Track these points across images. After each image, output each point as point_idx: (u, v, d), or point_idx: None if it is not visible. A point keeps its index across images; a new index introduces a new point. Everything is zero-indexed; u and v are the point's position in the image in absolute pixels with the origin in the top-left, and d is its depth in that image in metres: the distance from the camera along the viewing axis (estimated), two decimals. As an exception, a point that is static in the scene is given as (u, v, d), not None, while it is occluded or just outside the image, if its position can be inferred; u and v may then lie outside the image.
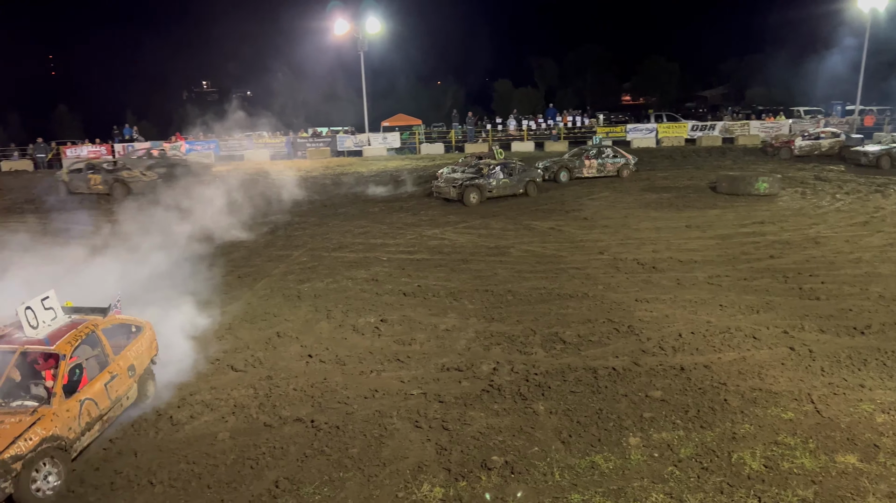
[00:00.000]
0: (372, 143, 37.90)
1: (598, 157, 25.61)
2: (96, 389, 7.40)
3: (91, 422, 7.22)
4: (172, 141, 36.13)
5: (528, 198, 21.82)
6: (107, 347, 7.86)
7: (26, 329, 7.31)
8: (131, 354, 8.15)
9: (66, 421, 6.85)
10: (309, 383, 8.79)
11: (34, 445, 6.42)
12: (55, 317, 7.71)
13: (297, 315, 11.40)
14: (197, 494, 6.50)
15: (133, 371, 8.05)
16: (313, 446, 7.26)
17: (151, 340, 8.70)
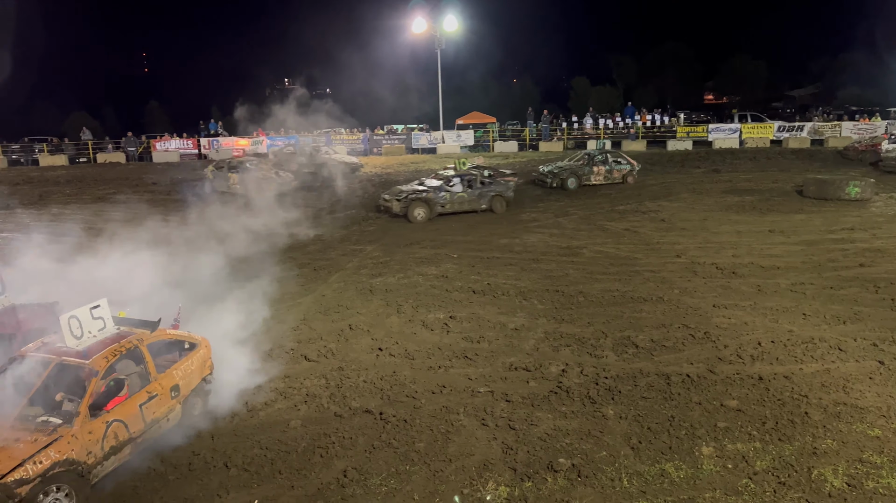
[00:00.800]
0: (446, 140, 38.11)
1: (605, 164, 24.57)
2: (129, 410, 6.86)
3: (118, 447, 6.69)
4: (255, 136, 37.33)
5: (591, 198, 21.38)
6: (150, 365, 7.31)
7: (67, 339, 6.93)
8: (178, 373, 7.59)
9: (87, 444, 6.36)
10: (378, 376, 8.93)
11: (44, 469, 5.96)
12: (103, 327, 7.26)
13: (369, 308, 11.59)
14: (269, 479, 6.71)
15: (177, 392, 7.48)
16: (381, 438, 7.38)
17: (205, 359, 8.08)
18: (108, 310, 7.36)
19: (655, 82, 59.91)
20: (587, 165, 24.35)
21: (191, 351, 8.02)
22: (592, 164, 24.38)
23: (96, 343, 7.07)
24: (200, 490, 6.55)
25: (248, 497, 6.42)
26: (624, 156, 25.47)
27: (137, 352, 7.30)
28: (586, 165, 24.36)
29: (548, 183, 23.96)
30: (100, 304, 7.27)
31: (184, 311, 8.62)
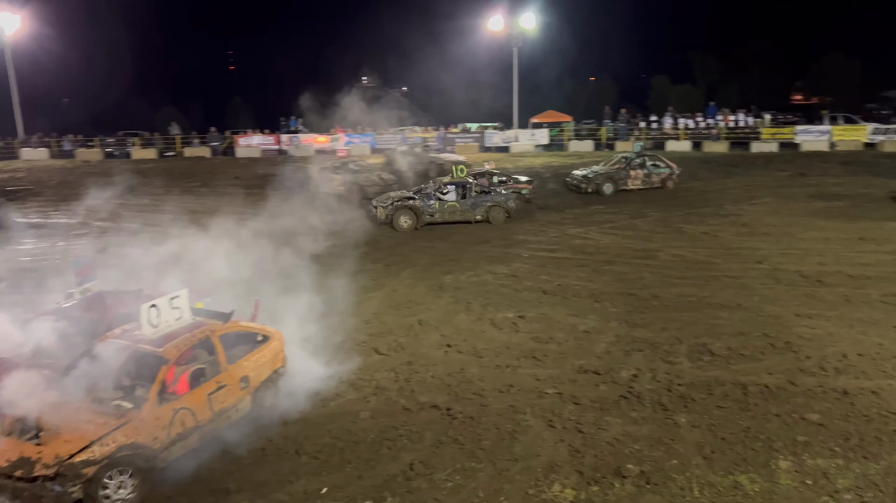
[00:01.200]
0: (520, 139, 37.90)
1: (643, 167, 23.01)
2: (197, 399, 7.02)
3: (184, 434, 6.83)
4: (332, 133, 38.14)
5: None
6: (220, 355, 7.48)
7: (145, 327, 7.17)
8: (248, 365, 7.72)
9: (153, 429, 6.53)
10: (446, 372, 8.99)
11: (110, 452, 6.15)
12: (181, 317, 7.49)
13: (439, 305, 11.68)
14: (338, 468, 6.87)
15: (246, 383, 7.60)
16: (448, 434, 7.43)
17: (277, 352, 8.19)
18: (186, 300, 7.58)
19: (740, 81, 57.70)
20: (624, 169, 22.90)
21: (263, 343, 8.10)
22: (630, 167, 22.89)
23: (171, 332, 7.28)
24: (272, 475, 6.77)
25: (317, 484, 6.59)
26: (663, 159, 24.16)
27: (209, 343, 7.47)
28: (623, 169, 22.90)
29: (583, 188, 22.55)
30: (179, 295, 7.50)
31: (262, 302, 8.92)
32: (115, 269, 10.16)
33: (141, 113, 46.52)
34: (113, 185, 21.89)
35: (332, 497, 6.39)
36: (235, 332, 7.93)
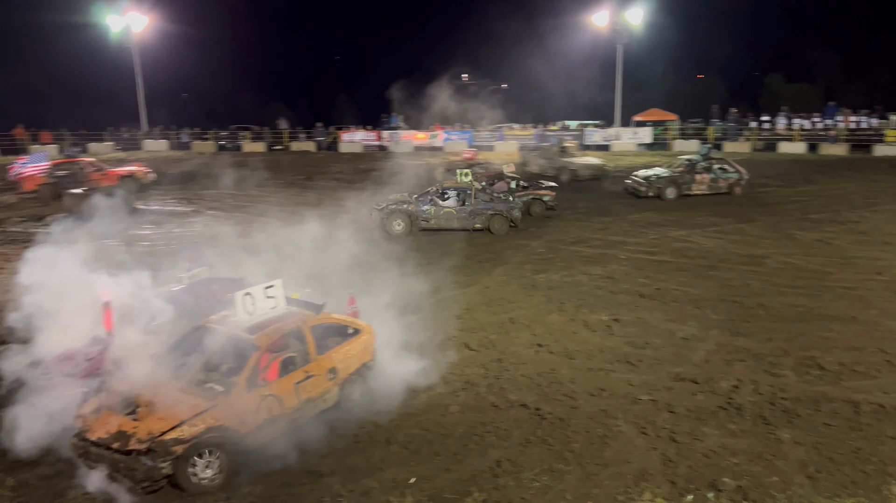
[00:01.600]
0: (621, 137, 37.02)
1: (709, 171, 21.67)
2: (284, 387, 7.16)
3: (271, 420, 6.98)
4: (431, 130, 38.61)
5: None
6: (310, 346, 7.60)
7: (240, 314, 7.35)
8: (337, 356, 7.81)
9: (241, 414, 6.72)
10: (537, 371, 8.92)
11: (198, 432, 6.36)
12: (275, 306, 7.66)
13: (531, 304, 11.60)
14: (426, 459, 6.97)
15: (334, 374, 7.69)
16: (536, 434, 7.38)
17: (367, 345, 8.25)
18: (281, 290, 7.74)
19: (864, 80, 53.88)
20: (688, 173, 21.67)
21: (353, 336, 8.19)
22: (695, 171, 21.65)
23: (264, 321, 7.45)
24: (364, 461, 6.94)
25: (406, 473, 6.71)
26: (731, 162, 22.54)
27: (300, 333, 7.59)
28: (687, 173, 21.68)
29: (642, 192, 21.43)
30: (274, 285, 7.67)
31: (360, 293, 9.15)
32: (223, 257, 10.68)
33: (252, 108, 48.72)
34: (224, 175, 23.10)
35: (420, 487, 6.49)
36: (327, 324, 8.06)
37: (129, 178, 23.96)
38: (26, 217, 19.26)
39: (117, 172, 24.01)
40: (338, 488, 6.48)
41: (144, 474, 6.18)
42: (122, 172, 24.17)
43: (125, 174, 24.06)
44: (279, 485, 6.54)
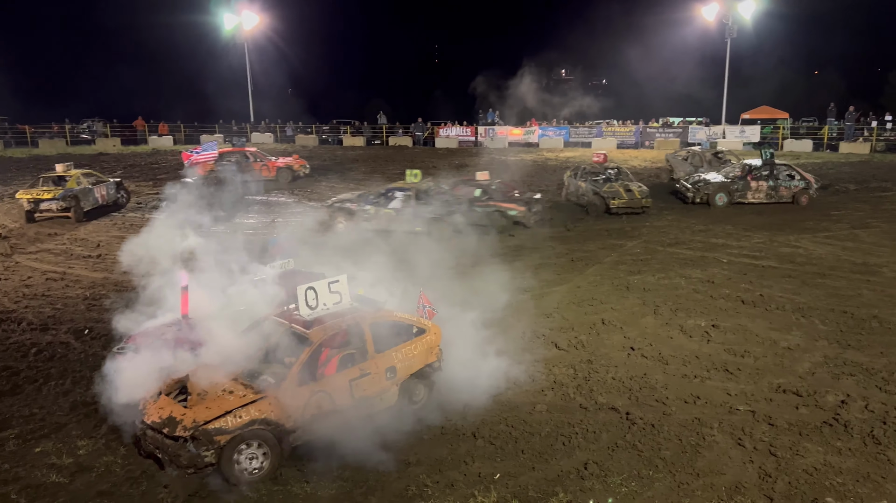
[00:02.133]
0: (727, 135, 35.49)
1: (768, 178, 19.55)
2: (337, 384, 7.10)
3: (320, 415, 6.91)
4: (528, 126, 38.38)
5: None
6: (368, 343, 7.44)
7: (301, 308, 7.32)
8: (397, 356, 7.62)
9: (288, 408, 6.69)
10: (628, 375, 8.73)
11: (243, 423, 6.39)
12: (339, 301, 7.58)
13: (624, 305, 11.34)
14: (511, 456, 6.97)
15: (393, 373, 7.52)
16: (625, 438, 7.23)
17: (431, 346, 7.98)
18: (346, 285, 7.65)
19: None
20: (743, 178, 19.76)
21: (417, 336, 7.94)
22: (752, 177, 19.69)
23: (325, 315, 7.40)
24: (450, 453, 7.01)
25: (490, 469, 6.73)
26: (798, 170, 20.26)
27: (359, 330, 7.47)
28: (742, 178, 19.80)
29: (689, 198, 19.94)
30: (339, 280, 7.60)
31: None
32: (314, 248, 10.93)
33: (353, 103, 50.02)
34: (325, 168, 23.87)
35: (504, 484, 6.49)
36: (390, 322, 7.87)
37: (287, 169, 24.97)
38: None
39: (276, 164, 24.99)
40: (423, 478, 6.58)
41: (188, 461, 6.32)
42: (280, 164, 25.06)
43: (282, 165, 24.99)
44: (367, 470, 6.70)
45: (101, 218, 19.00)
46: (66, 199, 18.20)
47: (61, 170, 19.17)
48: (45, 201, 18.13)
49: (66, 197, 18.21)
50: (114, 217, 19.23)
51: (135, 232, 12.65)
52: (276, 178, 24.61)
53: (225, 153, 24.70)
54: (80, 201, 18.44)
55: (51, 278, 13.23)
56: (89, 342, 9.95)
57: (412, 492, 6.40)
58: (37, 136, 40.07)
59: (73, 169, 19.55)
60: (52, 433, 7.46)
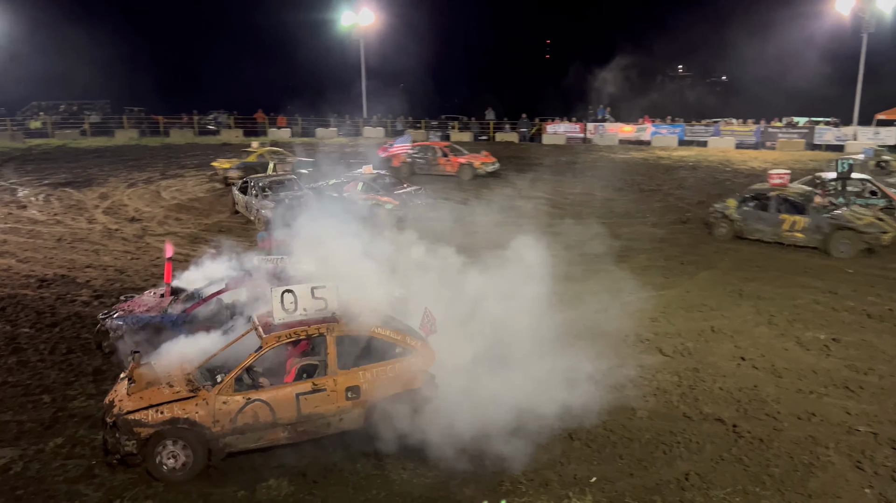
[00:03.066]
0: (858, 137, 33.02)
1: (838, 196, 15.02)
2: (280, 395, 6.71)
3: (255, 426, 6.63)
4: (640, 123, 37.28)
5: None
6: (331, 358, 6.90)
7: (276, 311, 6.92)
8: (365, 376, 6.98)
9: (216, 413, 6.49)
10: (737, 386, 8.35)
11: (163, 420, 6.36)
12: (323, 308, 7.04)
13: (736, 313, 10.84)
14: (608, 460, 6.85)
15: (356, 394, 6.90)
16: (731, 451, 6.93)
17: (412, 369, 7.17)
18: (335, 292, 7.08)
19: None
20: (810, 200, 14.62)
21: (399, 357, 7.20)
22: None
23: (293, 321, 6.97)
24: (545, 453, 6.96)
25: (587, 471, 6.65)
26: (881, 186, 15.71)
27: (320, 341, 7.02)
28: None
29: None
30: (326, 286, 7.06)
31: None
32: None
33: (462, 99, 50.42)
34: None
35: (601, 488, 6.40)
36: (364, 337, 7.21)
37: (467, 166, 24.38)
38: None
39: (458, 160, 24.57)
40: (518, 475, 6.59)
41: (112, 446, 6.45)
42: (462, 160, 24.55)
43: (464, 162, 24.49)
44: (464, 461, 6.77)
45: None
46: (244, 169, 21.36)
47: (255, 146, 24.39)
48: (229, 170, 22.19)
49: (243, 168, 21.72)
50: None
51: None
52: (458, 174, 24.30)
53: (417, 146, 25.73)
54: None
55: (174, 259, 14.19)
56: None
57: (506, 487, 6.43)
58: (168, 127, 42.95)
59: (263, 147, 24.36)
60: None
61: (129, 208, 19.50)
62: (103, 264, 13.90)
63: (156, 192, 22.01)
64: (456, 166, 24.43)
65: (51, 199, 20.68)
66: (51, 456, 6.96)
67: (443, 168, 24.64)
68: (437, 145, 25.84)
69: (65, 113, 46.46)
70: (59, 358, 9.33)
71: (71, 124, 42.44)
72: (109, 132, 40.73)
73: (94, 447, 7.06)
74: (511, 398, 7.47)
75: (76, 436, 7.31)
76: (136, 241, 15.81)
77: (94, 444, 7.09)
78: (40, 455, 6.99)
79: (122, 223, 17.64)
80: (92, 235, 16.34)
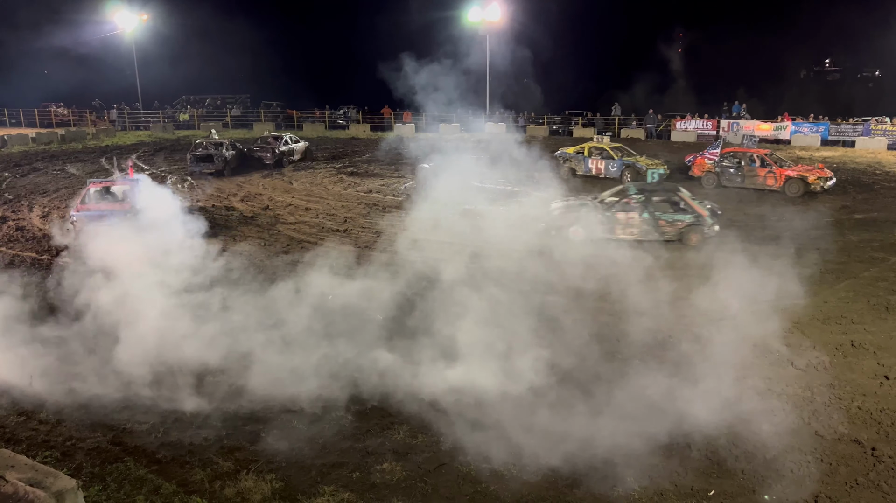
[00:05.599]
0: None
1: (643, 209, 14.44)
2: None
3: None
4: (779, 121, 35.08)
5: None
6: None
7: None
8: None
9: None
10: (878, 407, 7.71)
11: None
12: None
13: (882, 328, 9.98)
14: (728, 475, 6.57)
15: None
16: (868, 476, 6.43)
17: None
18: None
19: None
20: (615, 204, 14.78)
21: None
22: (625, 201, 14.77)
23: None
24: (661, 461, 6.74)
25: (705, 484, 6.40)
26: (688, 201, 14.72)
27: None
28: (614, 204, 14.84)
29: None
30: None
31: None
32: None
33: (588, 94, 49.46)
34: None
35: (719, 502, 6.13)
36: None
37: (798, 180, 19.69)
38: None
39: (785, 172, 20.05)
40: (631, 482, 6.43)
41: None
42: (791, 173, 19.94)
43: (793, 175, 19.79)
44: (571, 466, 6.71)
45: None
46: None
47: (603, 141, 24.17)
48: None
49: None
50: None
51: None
52: (784, 189, 19.78)
53: (728, 153, 21.53)
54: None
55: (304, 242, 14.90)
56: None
57: (618, 493, 6.30)
58: (302, 120, 45.16)
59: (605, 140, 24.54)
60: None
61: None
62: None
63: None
64: (781, 179, 19.80)
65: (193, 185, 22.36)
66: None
67: (761, 181, 20.20)
68: (755, 152, 21.14)
69: (209, 106, 50.02)
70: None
71: (215, 117, 45.63)
72: (248, 125, 43.37)
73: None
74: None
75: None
76: (268, 228, 16.72)
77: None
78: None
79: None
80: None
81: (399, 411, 7.80)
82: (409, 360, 8.74)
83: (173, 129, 41.16)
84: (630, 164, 22.17)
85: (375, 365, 8.70)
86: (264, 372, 8.51)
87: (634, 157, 22.98)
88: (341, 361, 8.84)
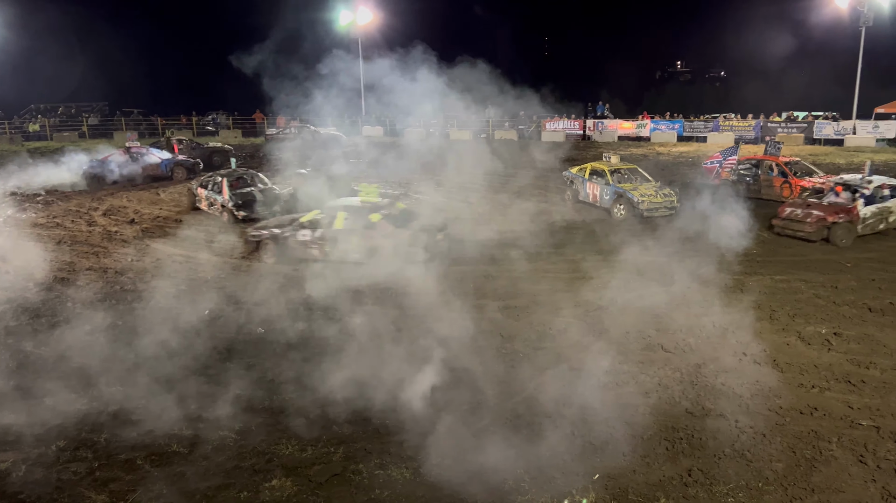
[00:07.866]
0: (857, 131, 33.01)
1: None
2: None
3: None
4: (640, 119, 37.26)
5: None
6: None
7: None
8: None
9: None
10: (739, 382, 8.34)
11: None
12: None
13: (737, 308, 10.79)
14: (611, 457, 6.83)
15: None
16: (734, 447, 6.94)
17: None
18: None
19: None
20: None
21: None
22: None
23: None
24: (548, 451, 6.93)
25: (590, 469, 6.65)
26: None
27: None
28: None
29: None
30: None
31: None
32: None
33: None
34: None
35: (603, 485, 6.40)
36: None
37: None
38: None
39: (801, 183, 18.02)
40: (520, 473, 6.58)
41: None
42: (806, 184, 17.60)
43: (808, 186, 17.11)
44: (468, 462, 6.78)
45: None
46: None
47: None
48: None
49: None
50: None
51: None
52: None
53: (745, 160, 20.40)
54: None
55: (177, 260, 14.19)
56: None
57: (509, 485, 6.42)
58: (166, 127, 42.92)
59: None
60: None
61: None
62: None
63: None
64: (797, 191, 17.94)
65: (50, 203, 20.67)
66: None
67: (777, 191, 18.76)
68: (772, 160, 19.47)
69: (63, 115, 46.47)
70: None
71: (69, 126, 42.42)
72: (108, 134, 40.69)
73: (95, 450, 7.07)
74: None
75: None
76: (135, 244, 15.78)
77: (96, 447, 7.11)
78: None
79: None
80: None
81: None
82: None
83: (22, 140, 37.87)
84: (621, 192, 17.44)
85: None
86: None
87: (633, 183, 17.94)
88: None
